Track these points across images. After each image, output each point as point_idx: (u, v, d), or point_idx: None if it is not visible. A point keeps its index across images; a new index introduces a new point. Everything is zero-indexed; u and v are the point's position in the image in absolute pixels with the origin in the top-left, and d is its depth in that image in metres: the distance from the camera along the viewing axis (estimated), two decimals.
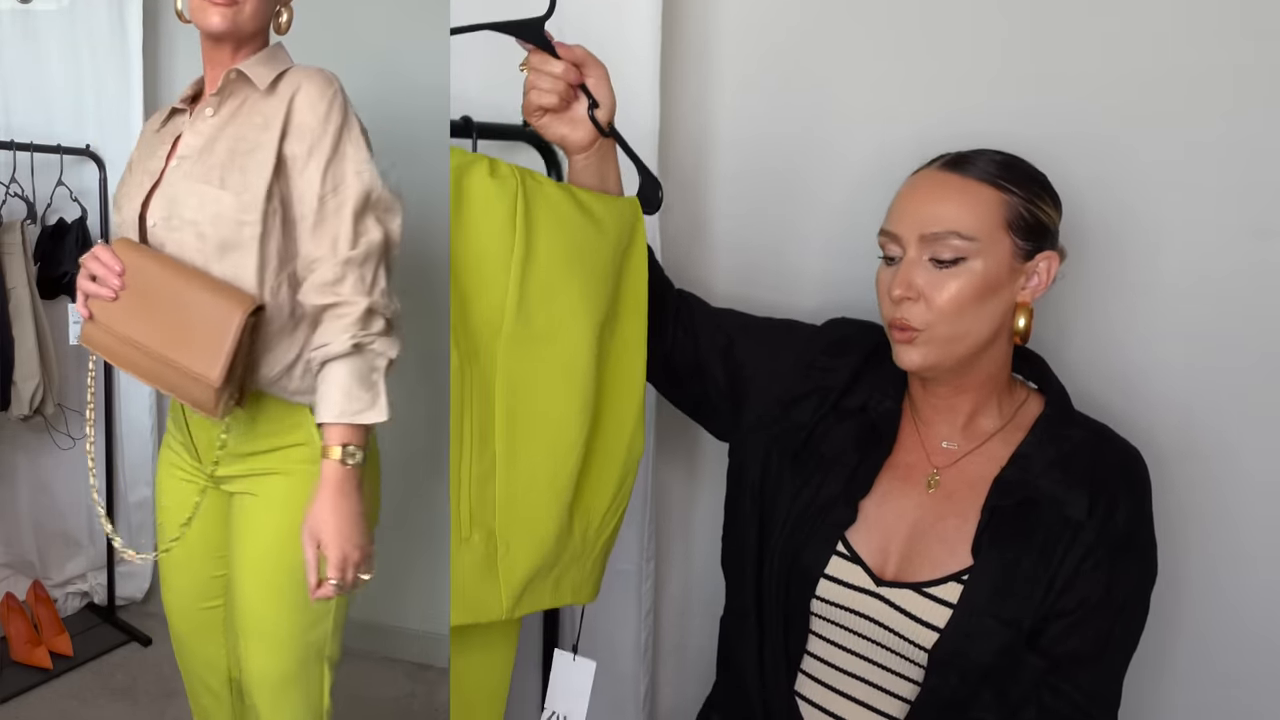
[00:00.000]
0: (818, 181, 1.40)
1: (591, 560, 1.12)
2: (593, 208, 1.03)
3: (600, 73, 1.02)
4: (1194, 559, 1.29)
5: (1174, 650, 1.32)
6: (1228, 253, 1.25)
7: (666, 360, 1.19)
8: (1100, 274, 1.28)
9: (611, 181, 1.10)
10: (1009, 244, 1.01)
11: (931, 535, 1.05)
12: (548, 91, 1.00)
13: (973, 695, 1.01)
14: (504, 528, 1.03)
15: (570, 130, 1.03)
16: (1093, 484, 1.01)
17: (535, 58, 1.00)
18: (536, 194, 0.99)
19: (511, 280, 0.98)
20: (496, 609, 1.05)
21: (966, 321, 1.01)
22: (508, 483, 1.02)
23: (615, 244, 1.05)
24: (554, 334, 1.01)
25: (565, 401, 1.03)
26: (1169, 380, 1.29)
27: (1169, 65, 1.24)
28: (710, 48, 1.41)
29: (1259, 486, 1.28)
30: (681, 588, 1.54)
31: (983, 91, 1.30)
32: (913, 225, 1.01)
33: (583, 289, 1.01)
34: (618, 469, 1.10)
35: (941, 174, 1.04)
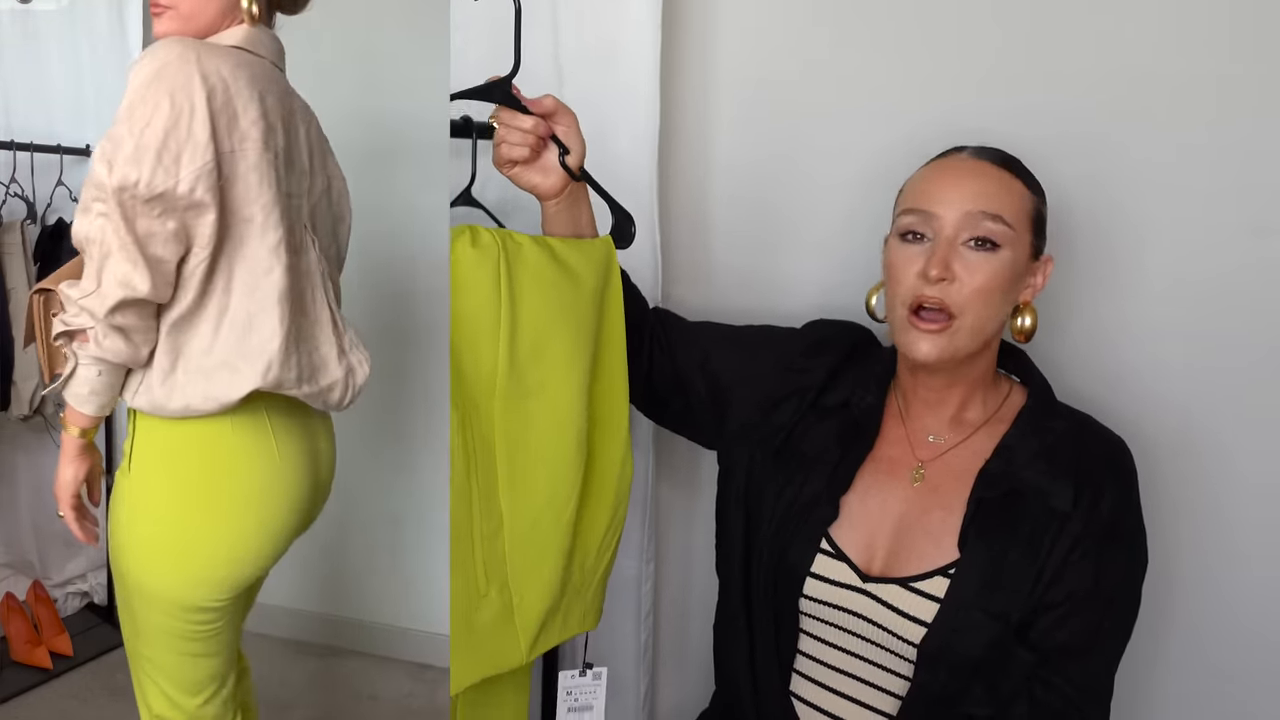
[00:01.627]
0: (815, 183, 1.40)
1: (593, 590, 1.16)
2: (569, 261, 1.06)
3: (569, 120, 1.05)
4: (1186, 554, 1.30)
5: (1166, 644, 1.33)
6: (1219, 252, 1.26)
7: (647, 380, 1.21)
8: (1091, 272, 1.29)
9: (585, 221, 1.12)
10: (1029, 239, 1.03)
11: (917, 529, 1.05)
12: (518, 145, 1.03)
13: (963, 690, 1.01)
14: (516, 578, 1.06)
15: (542, 179, 1.06)
16: (1077, 474, 1.01)
17: (505, 114, 1.03)
18: (517, 257, 1.02)
19: (501, 343, 1.01)
20: (516, 656, 1.08)
21: (992, 310, 1.01)
22: (514, 534, 1.06)
23: (594, 292, 1.08)
24: (545, 388, 1.04)
25: (561, 448, 1.06)
26: (1161, 378, 1.30)
27: (1160, 65, 1.25)
28: (709, 50, 1.41)
29: (1252, 484, 1.29)
30: (681, 590, 1.54)
31: (972, 91, 1.32)
32: (956, 204, 1.00)
33: (568, 342, 1.05)
34: (610, 499, 1.13)
35: (975, 161, 1.04)
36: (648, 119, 1.31)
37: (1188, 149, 1.25)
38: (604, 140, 1.32)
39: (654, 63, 1.29)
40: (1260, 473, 1.28)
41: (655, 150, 1.33)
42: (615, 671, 1.49)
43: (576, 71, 1.33)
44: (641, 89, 1.30)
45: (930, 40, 1.33)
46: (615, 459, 1.13)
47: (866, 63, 1.36)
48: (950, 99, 1.31)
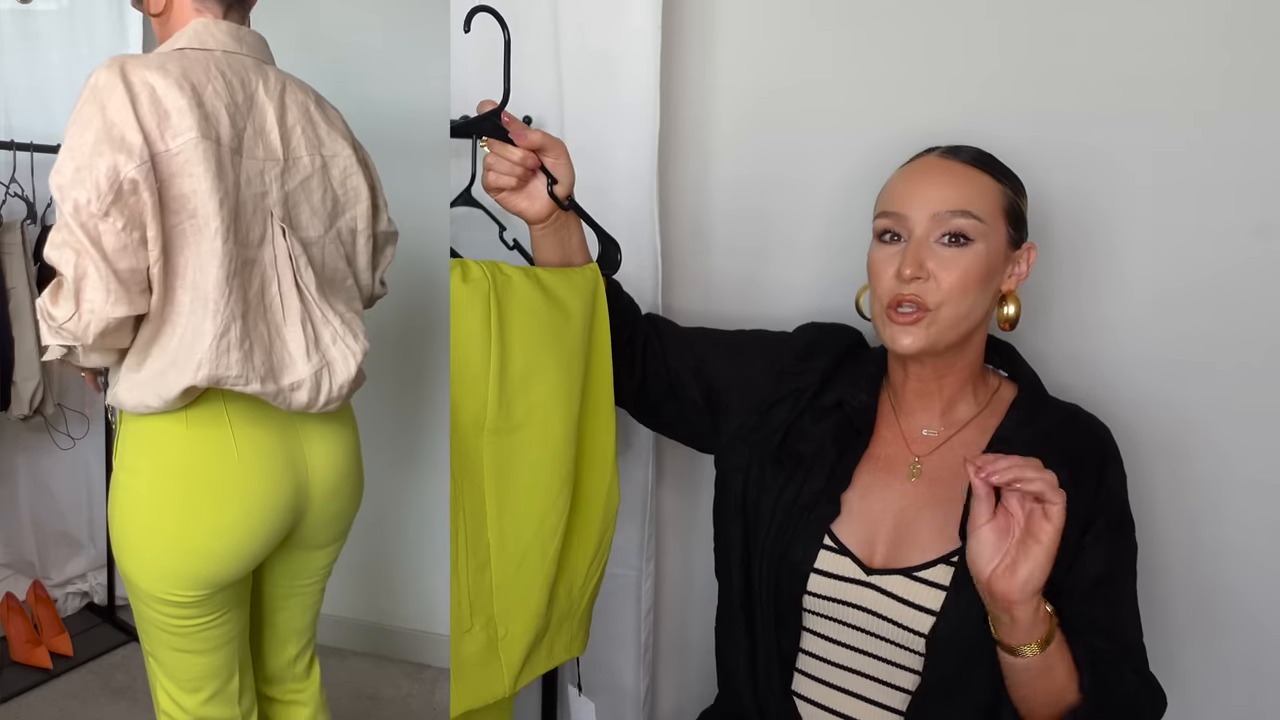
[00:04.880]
0: (814, 190, 1.40)
1: (578, 617, 1.16)
2: (557, 292, 1.06)
3: (558, 150, 1.07)
4: (1170, 548, 1.31)
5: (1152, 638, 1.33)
6: (1203, 250, 1.27)
7: (641, 389, 1.22)
8: (1073, 269, 1.31)
9: (574, 244, 1.14)
10: (1004, 230, 1.06)
11: (918, 522, 1.06)
12: (505, 174, 1.05)
13: (974, 678, 1.02)
14: (502, 611, 1.07)
15: (529, 205, 1.08)
16: (1072, 460, 1.02)
17: (494, 144, 1.05)
18: (507, 290, 1.02)
19: (491, 377, 1.01)
20: (500, 689, 1.08)
21: (970, 302, 1.04)
22: (501, 568, 1.06)
23: (582, 322, 1.08)
24: (533, 420, 1.05)
25: (548, 481, 1.06)
26: (1145, 373, 1.30)
27: (1146, 64, 1.26)
28: (708, 60, 1.41)
29: (1239, 477, 1.30)
30: (681, 590, 1.54)
31: (969, 99, 1.32)
32: (924, 205, 1.04)
33: (556, 374, 1.05)
34: (597, 527, 1.14)
35: (944, 160, 1.07)
36: (647, 128, 1.31)
37: (1171, 145, 1.26)
38: (604, 150, 1.33)
39: (654, 73, 1.29)
40: (1248, 467, 1.29)
41: (655, 158, 1.33)
42: (616, 669, 1.49)
43: (577, 82, 1.33)
44: (641, 99, 1.30)
45: (930, 49, 1.34)
46: (602, 487, 1.14)
47: (865, 70, 1.37)
48: (948, 108, 1.32)
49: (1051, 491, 0.89)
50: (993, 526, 0.93)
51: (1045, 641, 0.95)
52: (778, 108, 1.40)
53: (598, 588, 1.17)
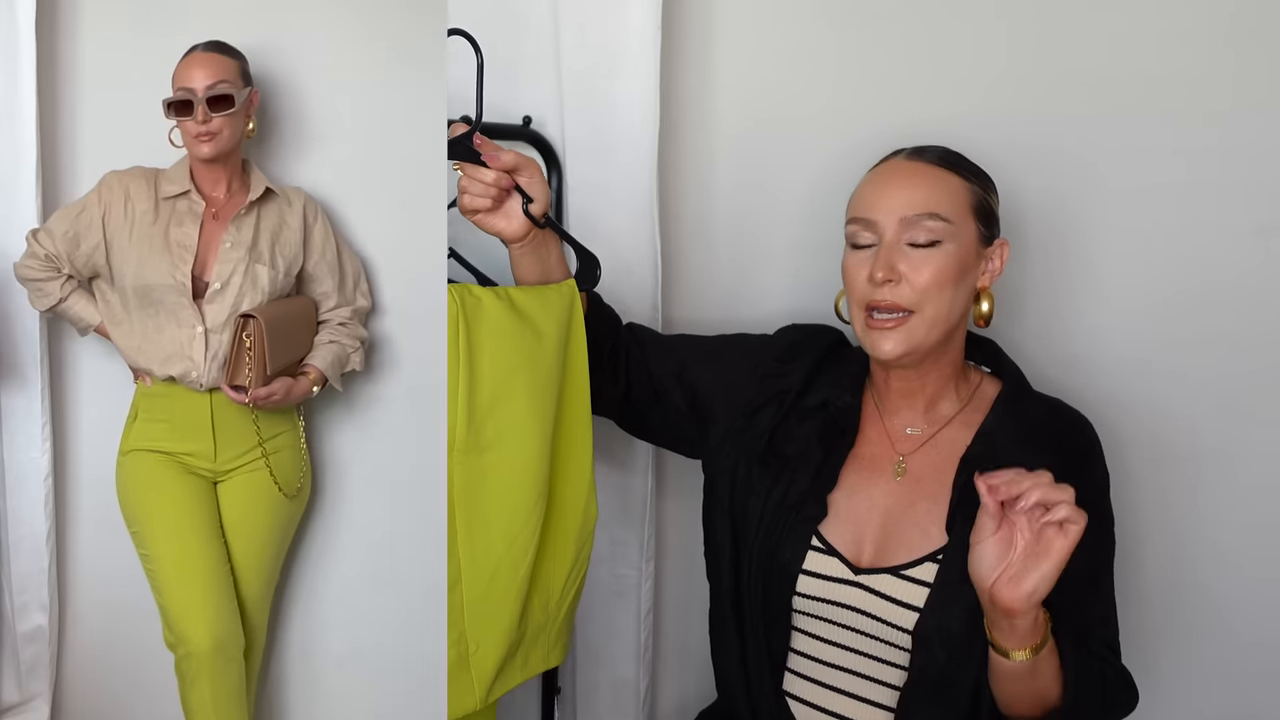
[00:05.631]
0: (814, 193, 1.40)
1: (556, 629, 1.17)
2: (529, 312, 1.07)
3: (532, 170, 1.08)
4: (1150, 547, 1.32)
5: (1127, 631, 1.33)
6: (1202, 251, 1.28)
7: (625, 399, 1.22)
8: (1044, 266, 1.32)
9: (553, 261, 1.14)
10: (974, 228, 1.07)
11: (904, 521, 1.07)
12: (480, 196, 1.06)
13: (960, 672, 1.02)
14: (474, 627, 1.08)
15: (506, 224, 1.09)
16: (1057, 454, 1.02)
17: (467, 166, 1.06)
18: (476, 313, 1.04)
19: (460, 399, 1.03)
20: (471, 701, 1.09)
21: (946, 301, 1.04)
22: (473, 585, 1.07)
23: (556, 340, 1.09)
24: (504, 440, 1.06)
25: (519, 499, 1.08)
26: (1130, 372, 1.32)
27: (1127, 63, 1.27)
28: (708, 62, 1.41)
29: (1216, 475, 1.31)
30: (681, 590, 1.54)
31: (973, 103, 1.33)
32: (892, 209, 1.05)
33: (528, 395, 1.06)
34: (573, 542, 1.14)
35: (910, 163, 1.08)
36: (647, 128, 1.31)
37: (1151, 142, 1.27)
38: (604, 150, 1.33)
39: (654, 73, 1.29)
40: (1228, 465, 1.31)
41: (655, 158, 1.33)
42: (616, 669, 1.49)
43: (577, 82, 1.33)
44: (641, 99, 1.30)
45: (932, 49, 1.34)
46: (579, 501, 1.14)
47: (867, 72, 1.37)
48: (949, 108, 1.32)
49: (1075, 514, 0.89)
50: (997, 539, 0.93)
51: (1039, 647, 0.95)
52: (778, 107, 1.40)
53: (577, 599, 1.18)
